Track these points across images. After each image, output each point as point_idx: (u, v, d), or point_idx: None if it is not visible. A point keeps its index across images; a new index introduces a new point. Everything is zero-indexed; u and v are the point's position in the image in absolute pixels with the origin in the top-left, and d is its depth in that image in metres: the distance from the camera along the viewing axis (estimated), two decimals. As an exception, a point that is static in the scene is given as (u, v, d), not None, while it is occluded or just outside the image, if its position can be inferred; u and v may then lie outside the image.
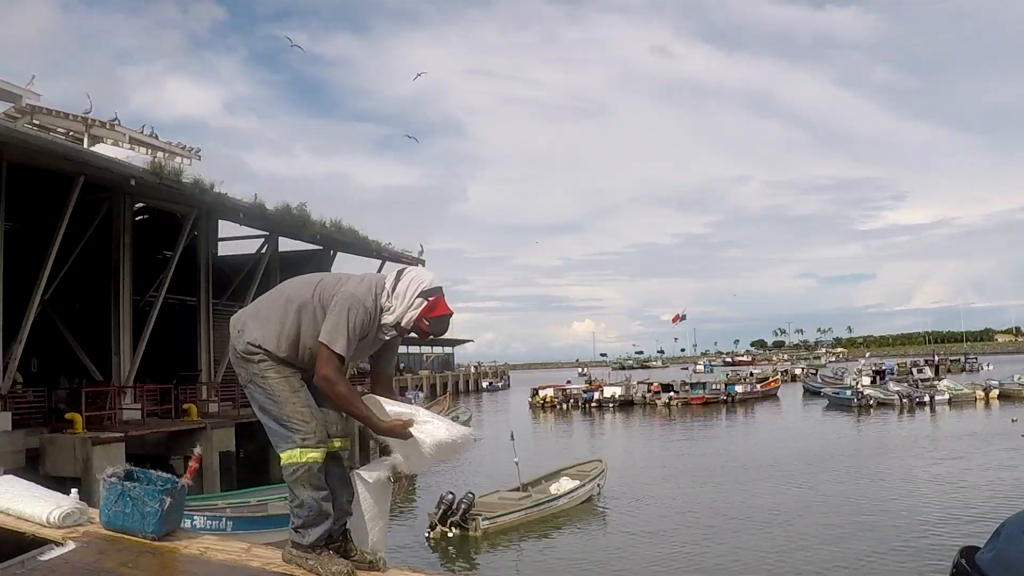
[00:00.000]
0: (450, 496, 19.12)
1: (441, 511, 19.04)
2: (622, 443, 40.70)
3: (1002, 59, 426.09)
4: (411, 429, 3.84)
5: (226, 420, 23.27)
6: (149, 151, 26.18)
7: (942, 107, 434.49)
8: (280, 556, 3.87)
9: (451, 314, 4.01)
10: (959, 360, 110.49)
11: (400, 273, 3.97)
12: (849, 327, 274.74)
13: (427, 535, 18.94)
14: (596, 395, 62.18)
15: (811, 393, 68.15)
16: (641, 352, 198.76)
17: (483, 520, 18.69)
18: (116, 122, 25.85)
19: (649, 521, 20.44)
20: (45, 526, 3.96)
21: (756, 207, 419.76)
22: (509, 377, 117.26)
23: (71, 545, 3.76)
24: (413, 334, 4.01)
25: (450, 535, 18.68)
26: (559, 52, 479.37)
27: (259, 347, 3.85)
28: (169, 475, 4.25)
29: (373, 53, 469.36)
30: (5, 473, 4.42)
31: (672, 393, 61.01)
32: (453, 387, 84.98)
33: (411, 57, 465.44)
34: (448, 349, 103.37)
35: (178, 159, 26.36)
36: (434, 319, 3.91)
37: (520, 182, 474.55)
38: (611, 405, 60.30)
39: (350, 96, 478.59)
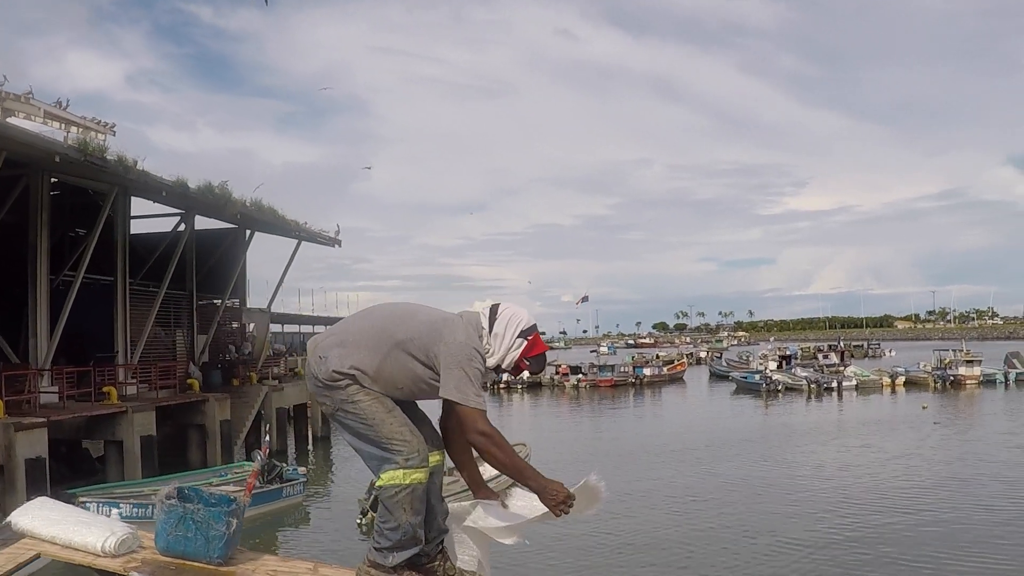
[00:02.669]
0: (381, 482, 19.03)
1: (372, 497, 18.95)
2: (534, 425, 41.02)
3: (906, 52, 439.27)
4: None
5: (146, 403, 22.75)
6: (63, 126, 25.26)
7: (846, 96, 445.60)
8: (354, 574, 3.79)
9: (548, 350, 3.95)
10: (862, 346, 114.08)
11: (494, 312, 3.83)
12: (751, 311, 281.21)
13: (359, 521, 18.89)
14: (505, 376, 62.26)
15: (717, 377, 69.63)
16: (544, 333, 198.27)
17: (414, 506, 18.64)
18: (30, 95, 24.83)
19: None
20: (101, 556, 3.80)
21: (658, 190, 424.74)
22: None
23: (137, 577, 3.61)
24: (507, 372, 3.90)
25: (381, 522, 18.62)
26: (466, 32, 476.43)
27: (345, 373, 3.68)
28: (221, 493, 4.13)
29: (278, 29, 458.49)
30: (39, 496, 4.26)
31: (581, 375, 61.47)
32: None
33: (316, 34, 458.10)
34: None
35: (92, 134, 25.46)
36: (534, 358, 3.84)
37: (424, 161, 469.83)
38: (519, 386, 60.48)
39: (254, 72, 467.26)
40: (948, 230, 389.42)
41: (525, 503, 3.95)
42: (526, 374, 3.98)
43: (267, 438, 23.96)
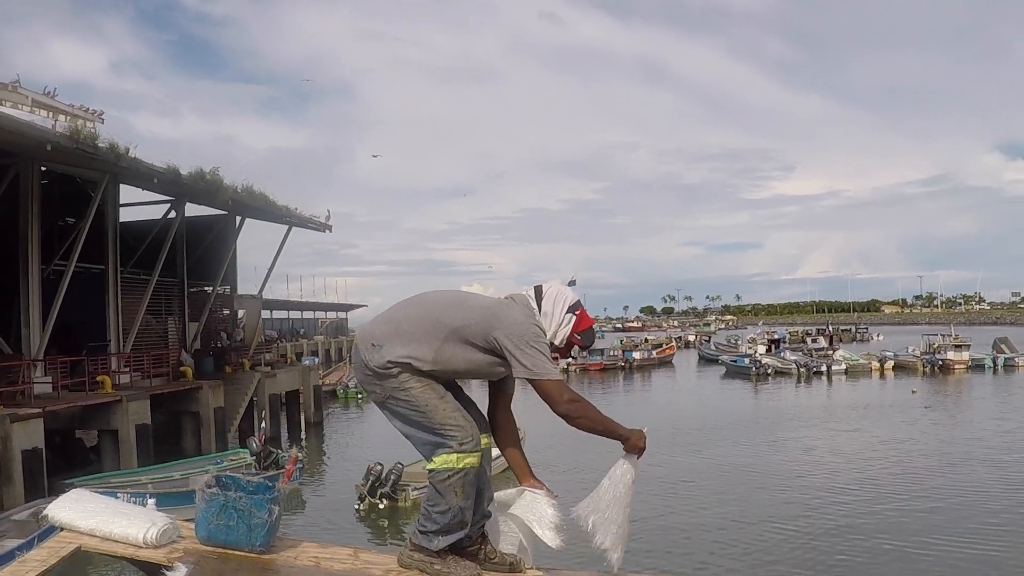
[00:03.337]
0: (378, 467, 19.09)
1: (370, 483, 19.01)
2: (525, 409, 40.66)
3: (893, 37, 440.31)
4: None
5: (140, 392, 22.71)
6: (51, 114, 25.04)
7: (833, 81, 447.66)
8: (396, 560, 3.79)
9: (594, 323, 4.01)
10: (850, 330, 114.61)
11: (539, 293, 3.86)
12: (738, 295, 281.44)
13: (356, 507, 18.92)
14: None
15: (706, 360, 69.80)
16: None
17: (413, 490, 18.71)
18: (17, 84, 24.55)
19: (567, 487, 20.68)
20: (143, 547, 3.77)
21: (645, 174, 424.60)
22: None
23: (182, 568, 3.56)
24: (559, 349, 3.90)
25: (380, 507, 18.70)
26: (451, 15, 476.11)
27: (399, 362, 3.67)
28: (260, 480, 4.10)
29: (262, 13, 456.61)
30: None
31: (570, 359, 61.35)
32: (348, 352, 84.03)
33: (300, 18, 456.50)
34: (343, 314, 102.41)
35: (81, 122, 25.26)
36: (584, 332, 3.88)
37: (410, 146, 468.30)
38: (510, 370, 60.39)
39: (238, 57, 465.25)
40: (935, 215, 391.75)
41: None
42: (576, 350, 3.95)
43: (263, 425, 24.00)
